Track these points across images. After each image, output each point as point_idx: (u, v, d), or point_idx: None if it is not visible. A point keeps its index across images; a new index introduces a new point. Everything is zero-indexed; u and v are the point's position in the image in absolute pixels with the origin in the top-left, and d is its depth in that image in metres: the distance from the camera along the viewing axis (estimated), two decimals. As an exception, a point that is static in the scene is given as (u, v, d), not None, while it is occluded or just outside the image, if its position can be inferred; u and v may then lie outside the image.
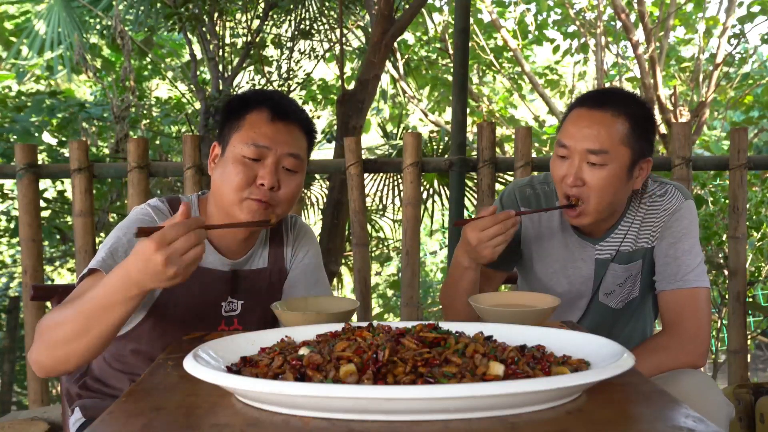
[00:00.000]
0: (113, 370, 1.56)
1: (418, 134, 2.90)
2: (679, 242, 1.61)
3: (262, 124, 1.45)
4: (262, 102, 1.48)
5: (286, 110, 1.48)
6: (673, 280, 1.60)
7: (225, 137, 1.49)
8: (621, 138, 1.52)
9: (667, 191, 1.65)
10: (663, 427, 0.79)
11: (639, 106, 1.58)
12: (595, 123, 1.52)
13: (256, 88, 1.46)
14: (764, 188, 5.21)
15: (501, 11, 7.58)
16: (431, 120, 7.20)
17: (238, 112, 1.48)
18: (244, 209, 1.44)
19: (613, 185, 1.54)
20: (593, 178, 1.53)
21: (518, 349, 0.99)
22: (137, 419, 0.84)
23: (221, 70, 4.73)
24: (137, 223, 1.47)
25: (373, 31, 4.11)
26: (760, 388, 2.38)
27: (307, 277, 1.63)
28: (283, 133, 1.46)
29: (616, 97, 1.57)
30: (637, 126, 1.54)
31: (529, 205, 1.72)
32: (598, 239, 1.68)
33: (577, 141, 1.53)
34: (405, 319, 2.68)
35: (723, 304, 4.72)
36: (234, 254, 1.55)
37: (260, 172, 1.43)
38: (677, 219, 1.61)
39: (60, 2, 5.75)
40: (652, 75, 5.63)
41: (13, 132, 5.22)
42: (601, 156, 1.51)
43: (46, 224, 5.47)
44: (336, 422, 0.79)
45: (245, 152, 1.43)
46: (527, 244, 1.76)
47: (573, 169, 1.54)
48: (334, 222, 4.34)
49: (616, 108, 1.53)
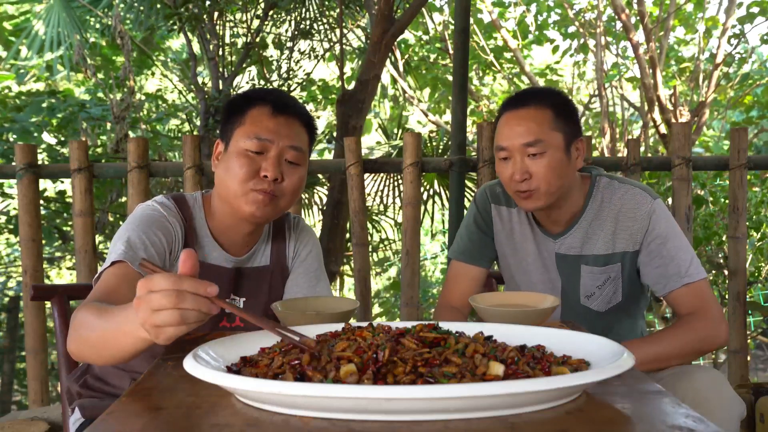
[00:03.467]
0: (114, 368, 1.57)
1: (418, 134, 2.90)
2: (668, 242, 1.66)
3: (264, 118, 1.49)
4: (264, 98, 1.52)
5: (287, 104, 1.52)
6: (678, 279, 1.65)
7: (228, 134, 1.52)
8: (549, 125, 1.65)
9: (635, 195, 1.71)
10: (663, 427, 0.79)
11: (556, 95, 1.72)
12: (523, 119, 1.66)
13: (258, 87, 1.51)
14: (764, 188, 5.21)
15: (501, 11, 7.58)
16: (431, 120, 7.20)
17: (241, 109, 1.52)
18: (249, 201, 1.47)
19: (556, 168, 1.65)
20: (537, 167, 1.64)
21: (518, 349, 0.99)
22: (137, 419, 0.84)
23: (221, 70, 4.73)
24: (145, 218, 1.47)
25: (373, 31, 4.11)
26: (760, 388, 2.38)
27: (309, 277, 1.65)
28: (284, 126, 1.50)
29: (533, 93, 1.71)
30: (560, 111, 1.67)
31: (498, 202, 1.85)
32: (557, 235, 1.76)
33: (513, 139, 1.65)
34: (405, 319, 2.69)
35: (723, 304, 4.72)
36: (237, 251, 1.57)
37: (264, 165, 1.47)
38: (656, 221, 1.68)
39: (60, 2, 5.74)
40: (652, 75, 5.63)
41: (12, 132, 5.22)
42: (538, 145, 1.63)
43: (46, 224, 5.46)
44: (336, 422, 0.79)
45: (248, 146, 1.47)
46: (500, 242, 1.85)
47: (517, 165, 1.65)
48: (334, 222, 4.34)
49: (536, 102, 1.67)
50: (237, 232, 1.55)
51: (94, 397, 1.56)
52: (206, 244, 1.55)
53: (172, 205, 1.54)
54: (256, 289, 1.59)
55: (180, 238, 1.50)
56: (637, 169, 2.84)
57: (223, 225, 1.55)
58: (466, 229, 1.88)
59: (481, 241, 1.85)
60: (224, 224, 1.55)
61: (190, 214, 1.55)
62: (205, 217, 1.57)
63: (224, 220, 1.55)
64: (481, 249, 1.85)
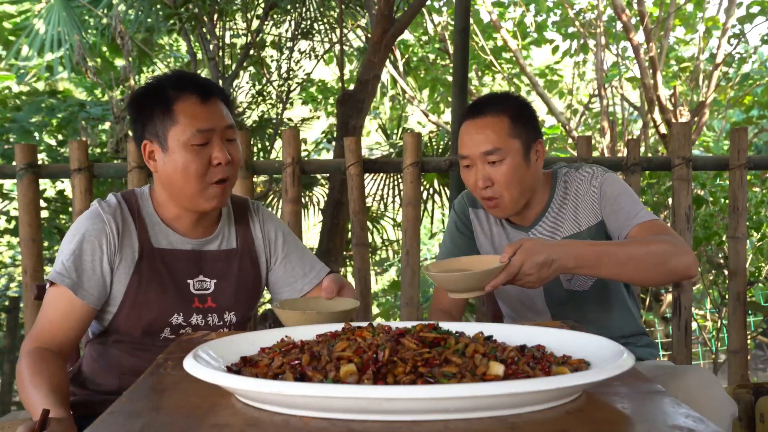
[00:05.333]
0: (100, 366, 1.61)
1: (418, 134, 2.90)
2: (619, 197, 1.73)
3: (195, 109, 1.50)
4: (182, 87, 1.51)
5: (208, 87, 1.54)
6: (629, 221, 1.68)
7: (158, 132, 1.51)
8: (507, 132, 1.70)
9: (588, 172, 1.79)
10: (663, 427, 0.79)
11: (512, 99, 1.77)
12: (481, 128, 1.71)
13: (155, 75, 1.52)
14: (764, 188, 5.21)
15: (501, 12, 7.57)
16: (431, 120, 7.20)
17: (163, 105, 1.50)
18: (209, 197, 1.52)
19: (516, 174, 1.70)
20: (497, 174, 1.69)
21: (518, 349, 0.99)
22: (137, 419, 0.84)
23: (221, 70, 4.73)
24: (89, 230, 1.52)
25: (373, 31, 4.11)
26: (760, 388, 2.38)
27: (295, 268, 1.71)
28: (215, 110, 1.52)
29: (490, 101, 1.76)
30: (517, 117, 1.72)
31: (475, 206, 1.90)
32: (528, 227, 1.81)
33: (473, 148, 1.71)
34: (405, 319, 2.68)
35: (723, 304, 4.72)
36: (193, 234, 1.61)
37: (213, 154, 1.49)
38: (607, 186, 1.75)
39: (60, 2, 5.74)
40: (652, 75, 5.62)
41: (12, 132, 5.21)
42: (497, 153, 1.68)
43: (46, 224, 5.46)
44: (336, 422, 0.79)
45: (193, 140, 1.48)
46: (481, 243, 1.89)
47: (479, 173, 1.70)
48: (333, 222, 4.34)
49: (493, 110, 1.72)
50: (187, 218, 1.59)
51: (85, 396, 1.59)
52: (158, 232, 1.58)
53: (114, 201, 1.57)
54: (225, 271, 1.63)
55: (115, 233, 1.53)
56: (637, 169, 2.84)
57: (173, 214, 1.59)
58: (449, 234, 1.92)
59: (464, 244, 1.89)
60: (173, 214, 1.59)
61: (138, 206, 1.59)
62: (153, 207, 1.59)
63: (173, 211, 1.59)
64: (465, 252, 1.87)
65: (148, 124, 1.53)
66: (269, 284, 1.74)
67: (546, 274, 1.48)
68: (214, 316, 1.61)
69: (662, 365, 1.72)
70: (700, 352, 5.97)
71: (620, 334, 1.78)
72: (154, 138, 1.52)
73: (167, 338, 1.57)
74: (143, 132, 1.54)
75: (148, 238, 1.56)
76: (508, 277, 1.48)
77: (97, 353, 1.61)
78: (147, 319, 1.55)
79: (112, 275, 1.52)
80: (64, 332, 1.48)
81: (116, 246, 1.52)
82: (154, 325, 1.56)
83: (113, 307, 1.54)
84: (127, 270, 1.53)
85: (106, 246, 1.51)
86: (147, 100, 1.53)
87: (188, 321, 1.58)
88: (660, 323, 5.25)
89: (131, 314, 1.54)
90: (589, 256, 1.51)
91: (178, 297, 1.57)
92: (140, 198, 1.60)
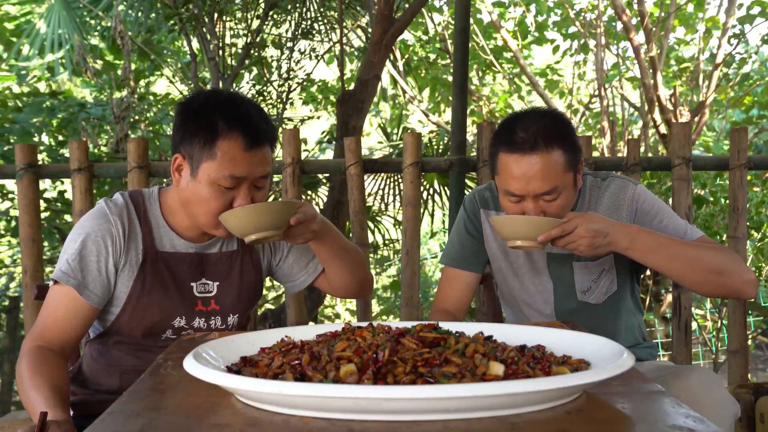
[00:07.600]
0: (101, 366, 1.61)
1: (418, 134, 2.90)
2: (657, 215, 1.68)
3: (236, 154, 1.45)
4: (232, 126, 1.45)
5: (258, 134, 1.48)
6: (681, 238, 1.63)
7: (193, 157, 1.47)
8: (563, 167, 1.57)
9: (618, 185, 1.73)
10: (663, 427, 0.79)
11: (561, 123, 1.62)
12: (535, 167, 1.55)
13: (210, 91, 1.43)
14: (764, 188, 5.21)
15: (501, 12, 7.57)
16: (431, 120, 7.20)
17: (208, 135, 1.45)
18: (221, 230, 1.51)
19: (569, 203, 1.63)
20: (551, 207, 1.59)
21: (518, 349, 0.99)
22: (137, 419, 0.84)
23: (221, 70, 4.73)
24: (95, 230, 1.51)
25: (373, 31, 4.11)
26: (760, 388, 2.38)
27: (299, 262, 1.73)
28: (257, 159, 1.48)
29: (537, 129, 1.56)
30: (569, 147, 1.59)
31: (487, 207, 1.83)
32: None
33: (526, 188, 1.57)
34: (405, 319, 2.68)
35: (723, 304, 4.72)
36: (197, 239, 1.61)
37: (237, 197, 1.47)
38: (642, 202, 1.69)
39: (60, 2, 5.74)
40: (652, 75, 5.62)
41: (12, 132, 5.21)
42: (555, 192, 1.57)
43: (46, 224, 5.46)
44: (336, 422, 0.79)
45: (223, 182, 1.45)
46: (490, 246, 1.84)
47: (530, 207, 1.59)
48: (333, 222, 4.33)
49: (545, 143, 1.55)
50: (196, 229, 1.59)
51: (86, 396, 1.60)
52: (163, 235, 1.57)
53: (122, 201, 1.56)
54: (227, 273, 1.63)
55: (121, 234, 1.52)
56: (637, 169, 2.84)
57: (182, 224, 1.58)
58: (457, 234, 1.87)
59: (472, 246, 1.85)
60: (183, 224, 1.58)
61: (145, 208, 1.58)
62: (160, 210, 1.58)
63: (183, 221, 1.58)
64: (472, 254, 1.84)
65: (186, 141, 1.48)
66: (277, 280, 1.77)
67: (598, 242, 1.48)
68: (217, 319, 1.61)
69: (665, 365, 1.72)
70: (700, 352, 5.97)
71: (626, 346, 1.78)
72: (187, 157, 1.48)
73: (169, 338, 1.57)
74: (180, 144, 1.49)
75: (153, 241, 1.56)
76: (562, 233, 1.48)
77: (97, 353, 1.62)
78: (150, 321, 1.55)
79: (116, 276, 1.52)
80: (67, 332, 1.48)
81: (122, 248, 1.52)
82: (157, 328, 1.56)
83: (116, 308, 1.54)
84: (131, 272, 1.53)
85: (112, 247, 1.51)
86: (193, 117, 1.49)
87: (191, 324, 1.58)
88: (660, 323, 5.25)
89: (134, 317, 1.54)
90: (644, 242, 1.50)
91: (181, 300, 1.57)
92: (147, 199, 1.59)
